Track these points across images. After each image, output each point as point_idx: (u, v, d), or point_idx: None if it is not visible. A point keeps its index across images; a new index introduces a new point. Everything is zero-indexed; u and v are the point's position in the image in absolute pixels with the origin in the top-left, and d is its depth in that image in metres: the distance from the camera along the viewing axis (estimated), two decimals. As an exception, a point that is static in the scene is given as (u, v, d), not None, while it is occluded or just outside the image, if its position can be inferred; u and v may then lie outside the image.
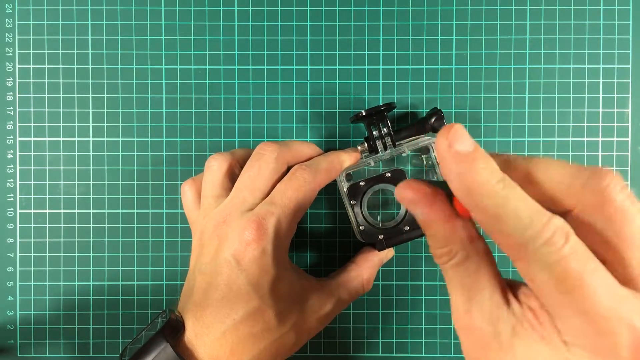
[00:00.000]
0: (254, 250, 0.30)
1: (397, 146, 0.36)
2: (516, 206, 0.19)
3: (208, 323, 0.30)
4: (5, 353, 0.39)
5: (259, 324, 0.30)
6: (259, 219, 0.30)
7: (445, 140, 0.21)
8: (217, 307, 0.30)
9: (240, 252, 0.30)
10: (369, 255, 0.36)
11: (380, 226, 0.36)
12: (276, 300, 0.31)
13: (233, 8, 0.38)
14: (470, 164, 0.20)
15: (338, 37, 0.38)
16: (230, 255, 0.30)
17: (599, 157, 0.38)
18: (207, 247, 0.32)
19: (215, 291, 0.30)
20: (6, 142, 0.39)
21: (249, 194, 0.32)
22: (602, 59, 0.38)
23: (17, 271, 0.39)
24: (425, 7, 0.38)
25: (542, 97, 0.38)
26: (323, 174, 0.33)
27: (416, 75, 0.38)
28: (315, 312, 0.32)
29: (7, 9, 0.38)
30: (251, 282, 0.30)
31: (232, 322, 0.30)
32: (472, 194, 0.20)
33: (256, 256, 0.30)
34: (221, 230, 0.31)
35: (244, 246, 0.30)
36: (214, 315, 0.30)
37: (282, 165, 0.33)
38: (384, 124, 0.35)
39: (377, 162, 0.37)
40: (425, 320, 0.39)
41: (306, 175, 0.32)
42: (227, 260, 0.30)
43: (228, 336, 0.30)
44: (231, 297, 0.30)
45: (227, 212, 0.31)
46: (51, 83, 0.38)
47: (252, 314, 0.30)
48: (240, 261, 0.30)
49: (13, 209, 0.39)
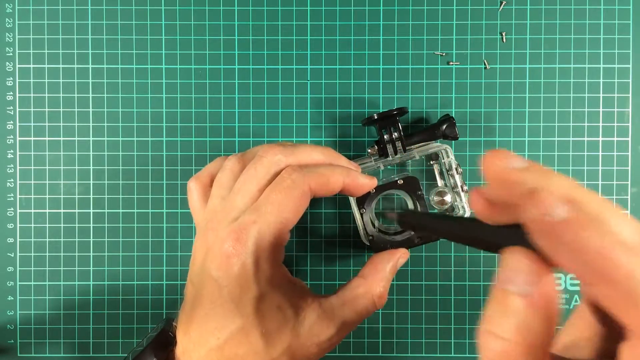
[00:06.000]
0: (233, 266, 0.27)
1: (407, 151, 0.36)
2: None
3: (194, 339, 0.28)
4: (5, 353, 0.39)
5: (244, 345, 0.27)
6: (239, 230, 0.27)
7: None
8: (202, 323, 0.28)
9: (222, 266, 0.28)
10: (379, 265, 0.31)
11: (390, 234, 0.35)
12: (262, 319, 0.28)
13: (233, 8, 0.38)
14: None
15: (338, 37, 0.38)
16: (213, 269, 0.28)
17: (599, 157, 0.38)
18: (197, 254, 0.30)
19: (200, 306, 0.28)
20: (6, 141, 0.39)
21: (240, 199, 0.29)
22: (603, 58, 0.38)
23: (17, 271, 0.39)
24: (426, 7, 0.38)
25: (543, 96, 0.38)
26: (317, 178, 0.29)
27: (416, 75, 0.38)
28: (314, 336, 0.28)
29: (7, 8, 0.38)
30: (234, 299, 0.27)
31: (216, 341, 0.28)
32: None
33: (236, 272, 0.27)
34: (209, 239, 0.29)
35: (224, 259, 0.28)
36: (199, 332, 0.28)
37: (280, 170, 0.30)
38: (395, 128, 0.35)
39: (386, 166, 0.37)
40: (425, 320, 0.39)
41: (294, 176, 0.28)
42: (210, 274, 0.28)
43: (213, 356, 0.28)
44: (215, 314, 0.28)
45: (218, 218, 0.29)
46: (51, 83, 0.38)
47: (236, 335, 0.27)
48: (221, 276, 0.28)
49: (13, 208, 0.39)
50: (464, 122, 0.38)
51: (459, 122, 0.37)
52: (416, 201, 0.34)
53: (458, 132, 0.36)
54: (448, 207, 0.36)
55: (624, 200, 0.38)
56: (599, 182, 0.38)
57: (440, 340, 0.39)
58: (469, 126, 0.38)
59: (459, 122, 0.37)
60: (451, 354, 0.39)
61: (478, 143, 0.38)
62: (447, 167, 0.36)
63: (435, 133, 0.36)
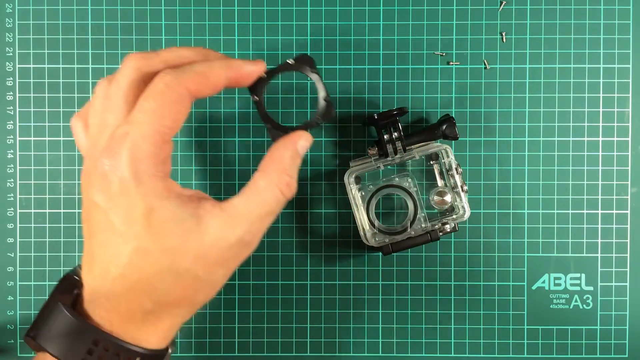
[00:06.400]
0: (111, 183, 0.26)
1: (407, 151, 0.36)
2: None
3: (97, 275, 0.27)
4: (5, 353, 0.39)
5: (146, 265, 0.26)
6: (111, 145, 0.26)
7: None
8: (100, 256, 0.27)
9: (101, 187, 0.26)
10: (276, 153, 0.29)
11: (387, 230, 0.36)
12: (157, 236, 0.26)
13: (233, 8, 0.38)
14: None
15: (338, 37, 0.38)
16: (94, 194, 0.26)
17: (599, 157, 0.38)
18: (82, 189, 0.28)
19: (94, 238, 0.27)
20: (6, 141, 0.39)
21: (111, 117, 0.27)
22: (603, 58, 0.38)
23: (17, 271, 0.39)
24: (426, 7, 0.38)
25: (543, 96, 0.38)
26: (194, 77, 0.26)
27: (416, 75, 0.38)
28: (222, 240, 0.27)
29: (7, 8, 0.38)
30: (121, 220, 0.26)
31: (116, 269, 0.26)
32: None
33: (116, 190, 0.25)
34: (87, 166, 0.27)
35: (102, 180, 0.26)
36: (100, 266, 0.27)
37: (147, 77, 0.27)
38: (395, 128, 0.35)
39: (386, 166, 0.37)
40: (425, 320, 0.39)
41: (167, 79, 0.26)
42: (93, 201, 0.26)
43: (118, 285, 0.26)
44: (108, 242, 0.26)
45: (94, 143, 0.27)
46: (51, 83, 0.38)
47: (134, 257, 0.26)
48: (103, 199, 0.26)
49: (13, 208, 0.39)
50: (464, 122, 0.38)
51: (459, 122, 0.37)
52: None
53: (458, 132, 0.36)
54: (448, 207, 0.36)
55: (624, 200, 0.38)
56: (599, 182, 0.38)
57: (440, 340, 0.39)
58: (469, 126, 0.38)
59: (459, 122, 0.37)
60: (451, 354, 0.39)
61: (478, 143, 0.38)
62: (447, 167, 0.36)
63: (435, 133, 0.36)
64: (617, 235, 0.38)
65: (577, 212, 0.38)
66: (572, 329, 0.39)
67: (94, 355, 0.26)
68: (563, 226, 0.38)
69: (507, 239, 0.39)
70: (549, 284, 0.39)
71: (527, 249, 0.39)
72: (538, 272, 0.39)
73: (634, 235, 0.38)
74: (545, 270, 0.39)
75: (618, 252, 0.38)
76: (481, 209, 0.38)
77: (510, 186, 0.38)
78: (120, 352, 0.27)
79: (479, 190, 0.38)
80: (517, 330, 0.39)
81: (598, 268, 0.38)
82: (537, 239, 0.38)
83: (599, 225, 0.38)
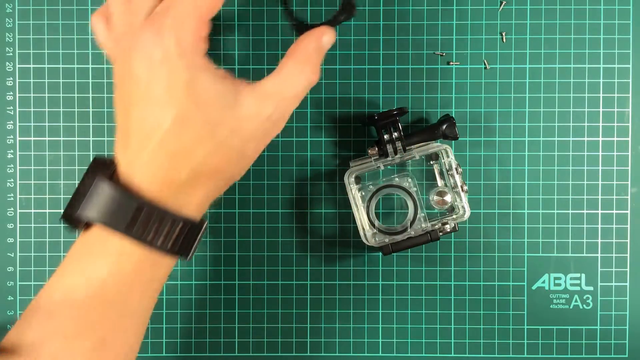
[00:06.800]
0: (153, 54, 0.26)
1: (407, 151, 0.36)
2: None
3: (134, 148, 0.27)
4: (5, 353, 0.39)
5: (186, 133, 0.27)
6: (154, 18, 0.27)
7: None
8: (138, 129, 0.27)
9: (143, 59, 0.27)
10: (301, 44, 0.30)
11: (387, 231, 0.36)
12: (198, 105, 0.27)
13: (233, 8, 0.38)
14: None
15: (338, 37, 0.38)
16: (135, 67, 0.27)
17: (599, 157, 0.38)
18: (116, 79, 0.29)
19: (131, 113, 0.27)
20: (6, 141, 0.39)
21: (142, 3, 0.28)
22: (603, 58, 0.38)
23: (17, 271, 0.39)
24: (426, 7, 0.38)
25: (543, 96, 0.38)
26: None
27: (416, 75, 0.38)
28: (255, 115, 0.28)
29: (7, 8, 0.38)
30: (163, 88, 0.27)
31: (156, 138, 0.27)
32: None
33: (158, 60, 0.26)
34: (123, 47, 0.28)
35: (144, 52, 0.27)
36: (137, 139, 0.27)
37: None
38: (395, 128, 0.35)
39: (386, 166, 0.37)
40: (425, 320, 0.39)
41: None
42: (132, 75, 0.27)
43: (157, 154, 0.27)
44: (148, 113, 0.27)
45: (126, 29, 0.28)
46: (51, 83, 0.38)
47: (174, 125, 0.27)
48: (144, 69, 0.27)
49: (13, 208, 0.39)
50: (464, 122, 0.38)
51: (459, 122, 0.37)
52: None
53: (458, 132, 0.36)
54: (448, 207, 0.36)
55: (624, 200, 0.38)
56: (599, 182, 0.38)
57: (440, 340, 0.39)
58: (469, 126, 0.38)
59: (459, 122, 0.37)
60: (451, 354, 0.39)
61: (478, 143, 0.38)
62: (447, 167, 0.36)
63: (435, 133, 0.36)
64: (617, 235, 0.38)
65: (577, 212, 0.38)
66: (572, 329, 0.39)
67: (138, 221, 0.27)
68: (563, 226, 0.38)
69: (507, 239, 0.39)
70: (549, 284, 0.39)
71: (527, 249, 0.39)
72: (538, 272, 0.39)
73: (634, 235, 0.38)
74: (545, 270, 0.39)
75: (618, 252, 0.38)
76: (481, 209, 0.38)
77: (510, 186, 0.38)
78: (163, 218, 0.27)
79: (479, 190, 0.38)
80: (517, 330, 0.39)
81: (598, 268, 0.38)
82: (537, 239, 0.39)
83: (599, 225, 0.38)
